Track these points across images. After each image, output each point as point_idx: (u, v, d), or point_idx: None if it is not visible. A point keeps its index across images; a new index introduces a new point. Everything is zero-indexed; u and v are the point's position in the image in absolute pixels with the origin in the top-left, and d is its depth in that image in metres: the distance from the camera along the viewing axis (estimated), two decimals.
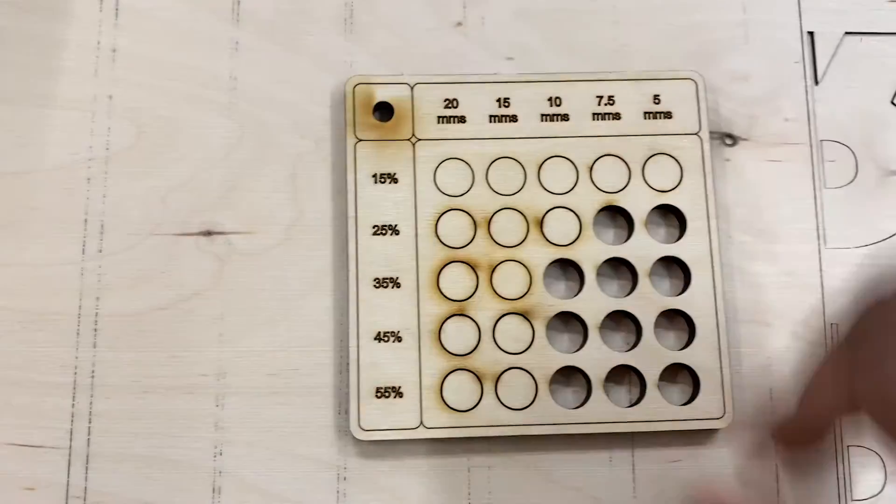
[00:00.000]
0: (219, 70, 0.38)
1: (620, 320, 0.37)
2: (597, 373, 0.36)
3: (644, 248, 0.37)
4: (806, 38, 0.40)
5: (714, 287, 0.37)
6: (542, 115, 0.38)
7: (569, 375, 0.36)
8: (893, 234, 0.39)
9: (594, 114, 0.38)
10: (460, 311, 0.36)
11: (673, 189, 0.37)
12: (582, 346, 0.36)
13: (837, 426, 0.36)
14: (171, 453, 0.35)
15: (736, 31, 0.40)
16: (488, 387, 0.35)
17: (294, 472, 0.35)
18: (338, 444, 0.36)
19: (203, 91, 0.38)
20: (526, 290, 0.36)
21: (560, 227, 0.37)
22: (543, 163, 0.37)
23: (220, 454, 0.35)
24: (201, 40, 0.38)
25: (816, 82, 0.40)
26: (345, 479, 0.35)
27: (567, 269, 0.37)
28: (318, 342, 0.36)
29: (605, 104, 0.38)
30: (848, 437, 0.37)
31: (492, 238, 0.37)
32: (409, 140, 0.37)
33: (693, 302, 0.36)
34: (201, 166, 0.37)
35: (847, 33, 0.40)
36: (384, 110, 0.37)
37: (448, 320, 0.36)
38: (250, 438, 0.36)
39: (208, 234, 0.37)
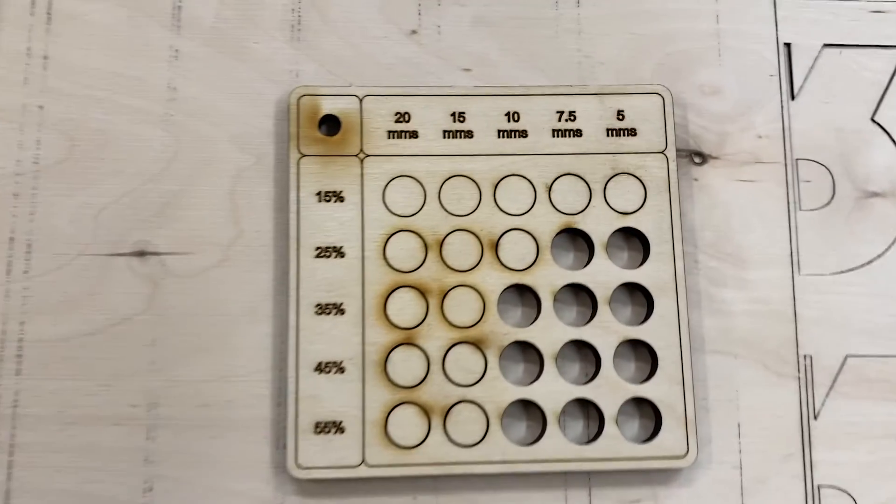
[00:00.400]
0: (156, 80, 0.36)
1: (579, 350, 0.35)
2: (552, 407, 0.34)
3: (604, 273, 0.35)
4: (782, 49, 0.38)
5: (678, 315, 0.34)
6: (499, 130, 0.35)
7: (523, 409, 0.34)
8: (871, 261, 0.36)
9: (554, 130, 0.36)
10: (408, 340, 0.34)
11: (636, 211, 0.35)
12: (537, 377, 0.34)
13: (808, 467, 0.34)
14: (98, 489, 0.33)
15: (708, 42, 0.38)
16: (436, 421, 0.33)
17: None
18: (275, 482, 0.33)
19: (139, 102, 0.36)
20: (479, 318, 0.34)
21: (516, 250, 0.35)
22: (499, 182, 0.35)
23: (150, 490, 0.33)
24: (139, 48, 0.36)
25: (792, 97, 0.38)
26: None
27: (523, 295, 0.35)
28: (256, 372, 0.34)
29: (566, 120, 0.36)
30: (819, 476, 0.35)
31: (443, 261, 0.34)
32: (356, 156, 0.35)
33: (655, 331, 0.34)
34: (135, 182, 0.35)
35: (826, 45, 0.38)
36: (331, 124, 0.35)
37: (395, 350, 0.34)
38: (182, 474, 0.33)
39: (141, 254, 0.35)
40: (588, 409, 0.34)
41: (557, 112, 0.36)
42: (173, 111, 0.36)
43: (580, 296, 0.35)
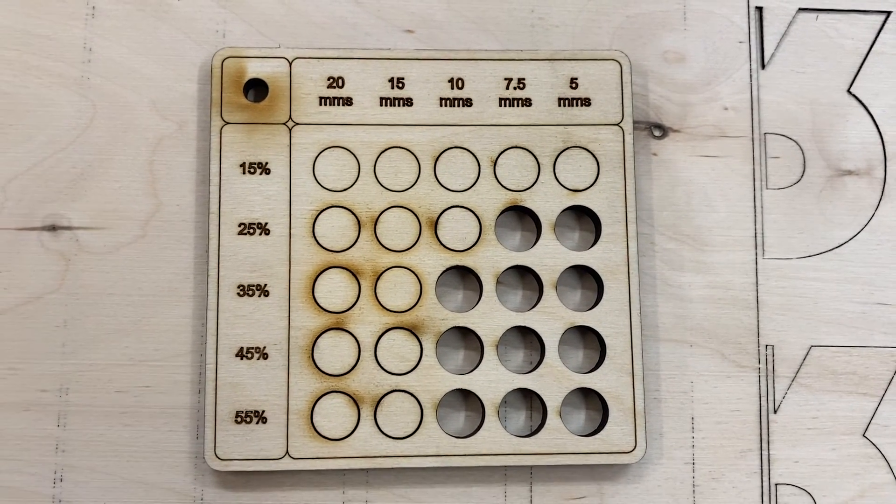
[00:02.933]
0: (71, 39, 0.33)
1: (523, 337, 0.32)
2: (491, 397, 0.31)
3: (551, 255, 0.32)
4: (753, 13, 0.35)
5: (629, 300, 0.32)
6: (442, 98, 0.33)
7: (461, 399, 0.32)
8: (842, 244, 0.34)
9: (501, 99, 0.33)
10: (337, 325, 0.31)
11: (588, 188, 0.32)
12: (477, 366, 0.32)
13: (766, 463, 0.32)
14: (5, 479, 0.31)
15: (672, 4, 0.35)
16: (366, 412, 0.31)
17: (143, 503, 0.31)
18: (193, 473, 0.31)
19: (52, 63, 0.33)
20: (415, 302, 0.32)
21: (457, 229, 0.32)
22: (440, 155, 0.32)
23: (61, 480, 0.31)
24: (52, 4, 0.33)
25: (763, 66, 0.35)
26: None
27: (464, 277, 0.33)
28: (175, 356, 0.32)
29: (515, 88, 0.33)
30: (776, 473, 0.32)
31: (378, 240, 0.32)
32: (284, 124, 0.32)
33: (604, 317, 0.32)
34: (47, 150, 0.32)
35: (801, 9, 0.35)
36: (259, 89, 0.33)
37: (323, 335, 0.31)
38: (95, 463, 0.31)
39: (53, 228, 0.32)
40: (531, 400, 0.32)
41: (505, 79, 0.33)
42: (89, 74, 0.33)
43: (526, 279, 0.33)
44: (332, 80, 0.32)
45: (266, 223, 0.32)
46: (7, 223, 0.32)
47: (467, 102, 0.33)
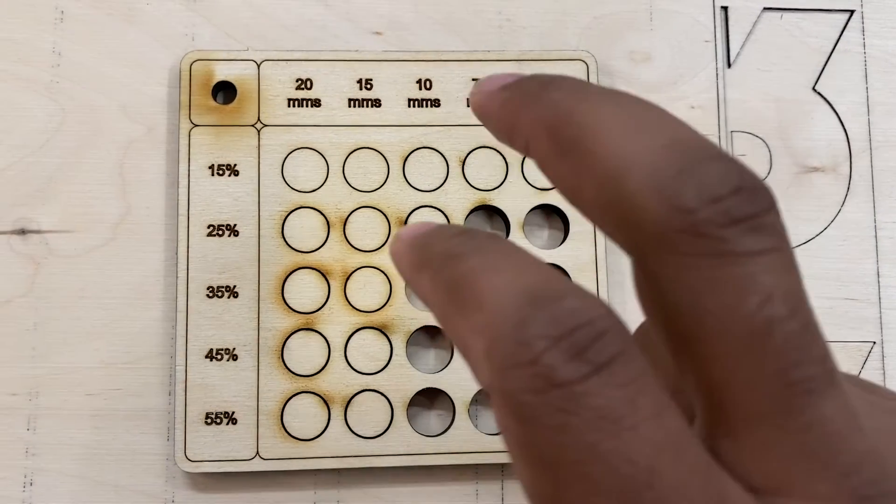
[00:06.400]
0: (40, 44, 0.33)
1: None
2: (462, 395, 0.32)
3: None
4: (719, 13, 0.35)
5: None
6: (410, 99, 0.33)
7: (431, 398, 0.32)
8: (809, 240, 0.34)
9: (469, 99, 0.33)
10: (307, 325, 0.31)
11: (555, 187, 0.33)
12: (447, 364, 0.32)
13: None
14: None
15: (638, 5, 0.35)
16: (336, 411, 0.31)
17: None
18: (165, 475, 0.31)
19: (20, 67, 0.33)
20: (385, 302, 0.32)
21: None
22: (409, 155, 0.33)
23: (31, 484, 0.31)
24: (20, 8, 0.33)
25: (729, 64, 0.35)
26: None
27: None
28: (145, 358, 0.32)
29: None
30: None
31: (347, 241, 0.32)
32: (253, 126, 0.32)
33: None
34: (16, 154, 0.33)
35: (766, 9, 0.36)
36: (227, 91, 0.33)
37: (293, 336, 0.31)
38: (65, 467, 0.31)
39: (22, 232, 0.32)
40: None
41: (473, 80, 0.33)
42: (58, 78, 0.33)
43: None
44: (300, 82, 0.33)
45: (235, 225, 0.32)
46: None
47: (435, 103, 0.33)
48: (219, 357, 0.31)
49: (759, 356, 0.13)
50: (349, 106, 0.33)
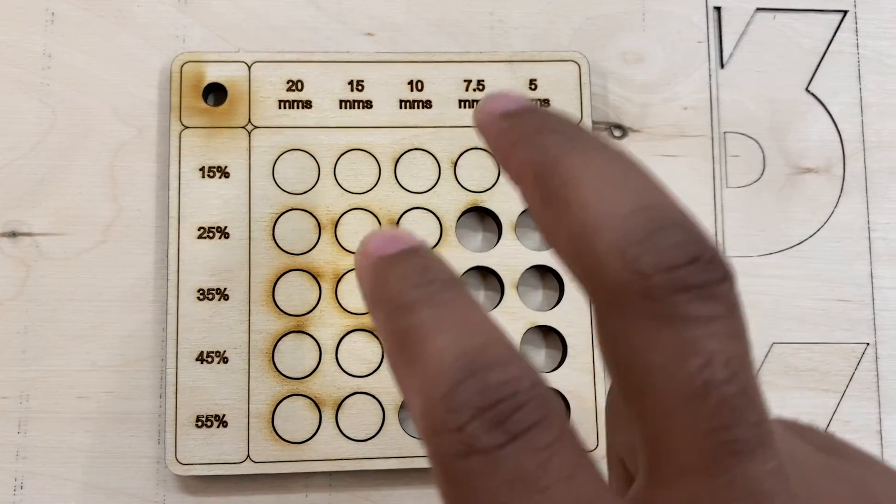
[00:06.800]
0: (31, 46, 0.33)
1: None
2: None
3: (513, 255, 0.32)
4: (712, 13, 0.35)
5: None
6: (401, 101, 0.33)
7: None
8: (803, 241, 0.34)
9: (461, 101, 0.33)
10: (298, 328, 0.31)
11: None
12: None
13: None
14: None
15: (631, 5, 0.35)
16: (328, 414, 0.31)
17: None
18: (156, 478, 0.31)
19: (11, 70, 0.33)
20: None
21: (418, 230, 0.32)
22: (401, 156, 0.33)
23: (21, 488, 0.31)
24: (11, 10, 0.33)
25: (722, 65, 0.35)
26: None
27: None
28: (136, 361, 0.32)
29: (474, 89, 0.33)
30: None
31: (338, 243, 0.32)
32: (243, 128, 0.32)
33: (566, 317, 0.32)
34: (7, 156, 0.32)
35: (759, 9, 0.35)
36: (218, 93, 0.33)
37: (283, 338, 0.31)
38: (56, 470, 0.31)
39: (13, 235, 0.32)
40: None
41: (465, 81, 0.33)
42: (49, 80, 0.33)
43: (488, 279, 0.33)
44: (291, 84, 0.33)
45: (225, 227, 0.32)
46: None
47: (427, 104, 0.33)
48: (210, 360, 0.31)
49: (695, 415, 0.14)
50: (340, 107, 0.33)
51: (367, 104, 0.33)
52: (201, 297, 0.31)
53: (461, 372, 0.15)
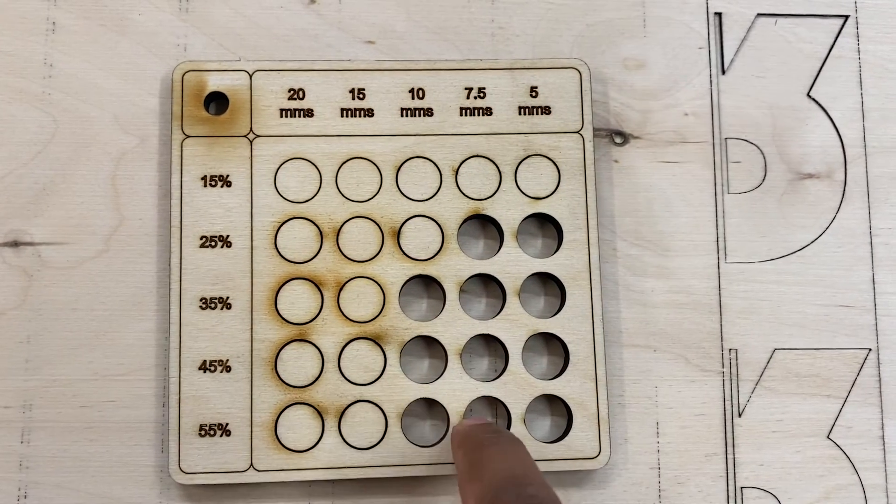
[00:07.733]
0: (32, 55, 0.33)
1: (487, 345, 0.33)
2: (456, 406, 0.31)
3: (514, 262, 0.32)
4: (713, 19, 0.35)
5: (592, 307, 0.32)
6: (403, 109, 0.33)
7: (425, 408, 0.32)
8: (804, 247, 0.34)
9: (462, 108, 0.33)
10: (301, 336, 0.31)
11: (549, 195, 0.33)
12: (441, 374, 0.32)
13: (731, 467, 0.32)
14: None
15: (632, 11, 0.35)
16: (330, 423, 0.31)
17: None
18: (159, 486, 0.31)
19: (13, 79, 0.33)
20: (378, 312, 0.32)
21: (420, 238, 0.32)
22: (402, 165, 0.33)
23: (25, 497, 0.31)
24: (12, 20, 0.33)
25: (723, 71, 0.35)
26: None
27: (427, 286, 0.33)
28: (139, 370, 0.32)
29: (475, 97, 0.33)
30: (742, 477, 0.33)
31: (340, 251, 0.32)
32: (245, 136, 0.32)
33: (567, 324, 0.32)
34: (9, 166, 0.32)
35: (760, 14, 0.35)
36: (219, 102, 0.33)
37: (286, 347, 0.31)
38: (59, 479, 0.31)
39: (15, 244, 0.32)
40: (496, 408, 0.32)
41: (466, 88, 0.33)
42: (50, 89, 0.33)
43: (489, 287, 0.33)
44: (292, 92, 0.33)
45: (227, 236, 0.32)
46: None
47: (428, 112, 0.33)
48: (212, 368, 0.31)
49: None
50: (342, 116, 0.33)
51: (369, 112, 0.33)
52: (203, 305, 0.31)
53: (507, 482, 0.24)
